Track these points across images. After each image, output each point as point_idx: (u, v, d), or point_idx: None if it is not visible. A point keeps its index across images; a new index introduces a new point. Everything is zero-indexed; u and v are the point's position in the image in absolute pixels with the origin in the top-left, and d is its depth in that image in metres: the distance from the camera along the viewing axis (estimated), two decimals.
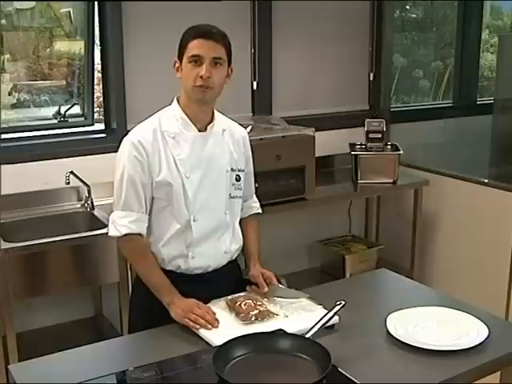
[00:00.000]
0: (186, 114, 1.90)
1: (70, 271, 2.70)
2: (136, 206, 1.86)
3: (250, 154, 2.10)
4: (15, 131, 3.14)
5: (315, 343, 1.55)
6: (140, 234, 1.87)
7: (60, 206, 3.04)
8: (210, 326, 1.72)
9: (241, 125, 2.11)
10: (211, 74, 1.81)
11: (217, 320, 1.75)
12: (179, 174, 1.87)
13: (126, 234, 1.85)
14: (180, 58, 1.86)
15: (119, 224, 1.86)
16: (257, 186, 2.19)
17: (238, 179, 1.99)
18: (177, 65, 1.88)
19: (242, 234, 2.05)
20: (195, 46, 1.82)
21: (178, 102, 1.93)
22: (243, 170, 2.02)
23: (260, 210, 2.18)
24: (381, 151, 3.60)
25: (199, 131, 1.91)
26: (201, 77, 1.81)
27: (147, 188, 1.87)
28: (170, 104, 1.96)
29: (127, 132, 1.92)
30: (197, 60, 1.81)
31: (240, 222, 2.05)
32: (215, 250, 1.94)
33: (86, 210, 3.01)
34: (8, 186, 2.88)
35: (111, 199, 1.94)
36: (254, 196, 2.17)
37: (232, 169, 1.97)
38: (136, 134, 1.89)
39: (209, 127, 1.93)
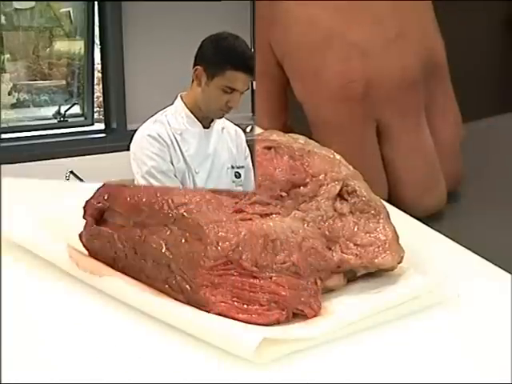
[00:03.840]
0: (192, 112, 1.86)
1: None
2: None
3: (247, 148, 2.03)
4: (15, 131, 3.14)
5: None
6: None
7: None
8: None
9: (237, 125, 2.09)
10: None
11: None
12: (189, 170, 1.83)
13: None
14: (207, 71, 1.76)
15: None
16: None
17: (237, 176, 1.95)
18: (199, 75, 1.79)
19: None
20: (235, 79, 1.73)
21: (183, 100, 1.88)
22: (242, 167, 1.97)
23: None
24: None
25: (204, 127, 1.87)
26: (229, 106, 1.78)
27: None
28: (171, 104, 1.92)
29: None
30: (231, 91, 1.76)
31: None
32: None
33: None
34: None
35: None
36: None
37: (232, 166, 1.94)
38: (149, 129, 1.82)
39: (211, 124, 1.91)
